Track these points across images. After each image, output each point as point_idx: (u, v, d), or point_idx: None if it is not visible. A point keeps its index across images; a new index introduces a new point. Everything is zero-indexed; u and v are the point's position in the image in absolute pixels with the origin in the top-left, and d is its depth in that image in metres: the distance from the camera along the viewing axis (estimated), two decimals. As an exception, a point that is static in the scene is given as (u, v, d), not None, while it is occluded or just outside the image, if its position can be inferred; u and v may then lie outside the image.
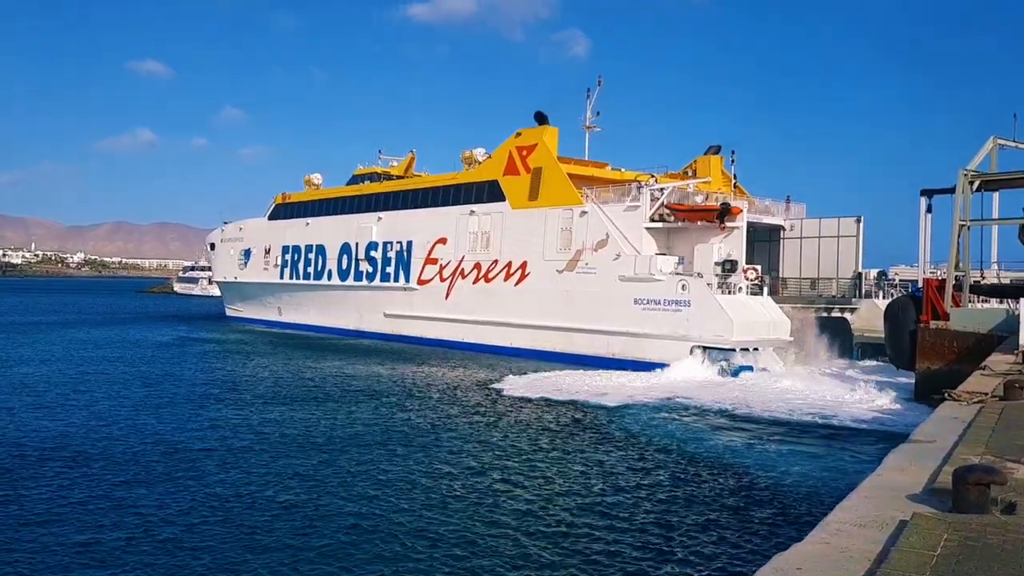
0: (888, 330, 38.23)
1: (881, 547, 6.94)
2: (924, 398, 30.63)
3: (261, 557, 14.69)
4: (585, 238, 49.10)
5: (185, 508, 17.53)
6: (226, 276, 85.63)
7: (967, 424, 13.09)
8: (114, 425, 26.91)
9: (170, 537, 15.74)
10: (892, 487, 8.93)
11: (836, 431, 27.60)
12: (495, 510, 17.91)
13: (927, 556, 6.47)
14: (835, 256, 50.96)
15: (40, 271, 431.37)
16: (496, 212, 55.16)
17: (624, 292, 46.45)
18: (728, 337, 41.81)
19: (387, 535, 16.02)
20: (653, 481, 20.85)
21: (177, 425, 27.19)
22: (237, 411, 30.35)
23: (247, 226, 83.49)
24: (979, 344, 31.71)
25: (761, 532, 16.53)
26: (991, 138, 36.64)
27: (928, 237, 39.54)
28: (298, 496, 18.63)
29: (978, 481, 7.74)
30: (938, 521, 7.36)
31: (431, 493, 19.22)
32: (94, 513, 17.11)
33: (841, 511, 7.99)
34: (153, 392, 34.81)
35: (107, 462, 21.64)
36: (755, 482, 20.78)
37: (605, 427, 28.46)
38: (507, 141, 55.68)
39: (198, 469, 21.06)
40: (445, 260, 58.77)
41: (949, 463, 9.94)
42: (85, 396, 33.27)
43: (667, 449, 24.93)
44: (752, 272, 45.09)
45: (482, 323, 54.72)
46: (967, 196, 35.45)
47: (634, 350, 45.26)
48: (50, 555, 14.69)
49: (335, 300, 69.99)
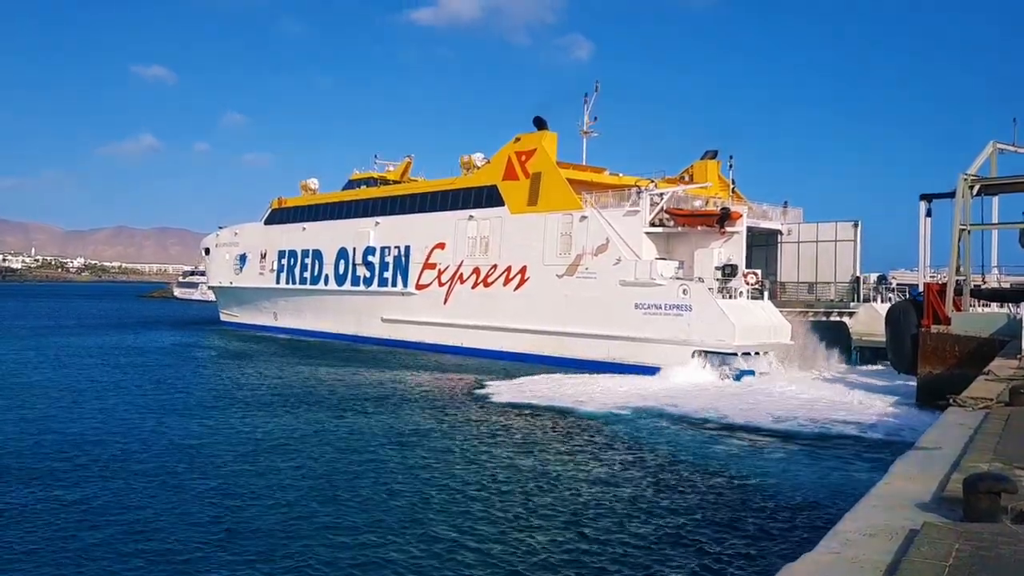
0: (889, 334, 38.20)
1: (892, 557, 6.85)
2: (926, 403, 30.60)
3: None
4: (585, 243, 49.08)
5: (143, 517, 17.28)
6: (221, 281, 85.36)
7: (974, 430, 12.98)
8: (90, 431, 26.61)
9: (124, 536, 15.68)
10: (901, 495, 8.83)
11: (838, 436, 27.33)
12: (468, 519, 17.48)
13: (939, 567, 6.38)
14: (833, 260, 51.03)
15: (40, 276, 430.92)
16: (495, 217, 55.11)
17: (625, 297, 46.40)
18: (730, 342, 41.79)
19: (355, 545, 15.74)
20: (649, 491, 20.46)
21: (148, 431, 26.91)
22: (209, 417, 29.93)
23: (243, 231, 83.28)
24: (981, 348, 31.65)
25: (767, 541, 16.25)
26: (991, 142, 36.65)
27: (928, 242, 39.52)
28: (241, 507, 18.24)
29: (989, 490, 7.63)
30: (949, 531, 7.26)
31: (405, 500, 18.95)
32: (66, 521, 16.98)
33: (850, 520, 7.89)
34: (132, 399, 34.39)
35: (80, 468, 21.43)
36: (758, 490, 20.47)
37: (604, 433, 28.25)
38: (506, 146, 55.64)
39: (159, 476, 20.80)
40: (444, 265, 58.69)
41: (958, 471, 9.83)
42: (67, 400, 33.04)
43: (664, 456, 24.56)
44: (752, 276, 45.11)
45: (481, 328, 54.62)
46: (967, 200, 35.43)
47: (635, 355, 45.20)
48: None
49: (332, 305, 69.84)
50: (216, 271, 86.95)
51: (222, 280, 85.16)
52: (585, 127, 59.79)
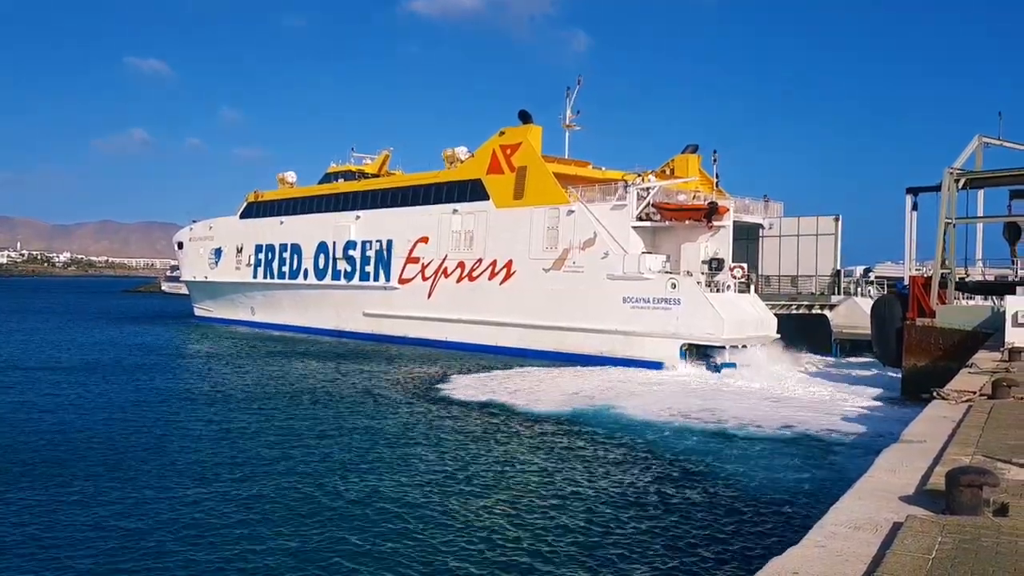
0: (875, 327, 38.40)
1: (876, 550, 6.89)
2: (911, 395, 30.73)
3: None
4: (572, 237, 49.03)
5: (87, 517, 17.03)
6: (195, 275, 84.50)
7: (956, 423, 13.07)
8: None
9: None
10: (885, 488, 8.88)
11: (823, 429, 26.90)
12: (418, 520, 16.95)
13: (922, 559, 6.42)
14: (814, 254, 51.33)
15: (26, 271, 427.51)
16: (480, 211, 54.96)
17: (613, 291, 46.44)
18: (719, 335, 41.94)
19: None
20: (631, 488, 19.94)
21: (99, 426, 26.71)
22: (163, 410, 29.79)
23: (217, 225, 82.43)
24: (965, 341, 31.89)
25: (752, 536, 16.05)
26: (976, 136, 36.79)
27: (913, 235, 39.69)
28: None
29: (971, 483, 7.69)
30: (932, 524, 7.30)
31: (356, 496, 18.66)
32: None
33: (835, 513, 7.93)
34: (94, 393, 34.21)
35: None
36: (741, 483, 20.20)
37: (587, 432, 27.94)
38: (490, 140, 55.47)
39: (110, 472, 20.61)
40: (427, 259, 58.48)
41: (941, 464, 9.90)
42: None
43: (642, 453, 23.96)
44: (739, 270, 45.25)
45: (466, 322, 54.53)
46: (952, 194, 35.61)
47: (624, 348, 45.26)
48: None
49: (312, 299, 69.45)
50: (190, 265, 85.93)
51: (196, 275, 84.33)
52: (567, 121, 59.66)
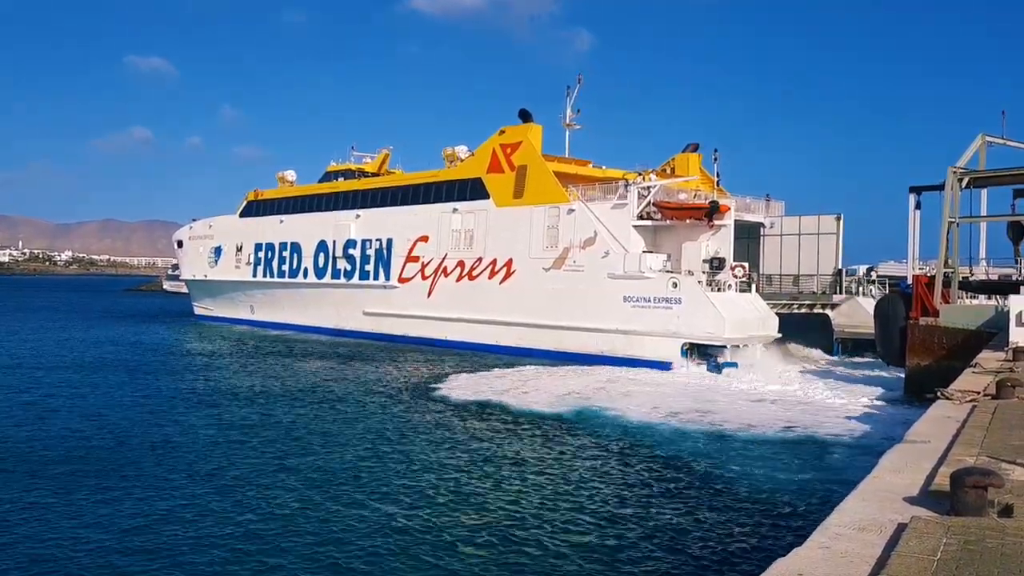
0: (878, 326, 38.29)
1: (880, 551, 6.82)
2: (914, 394, 30.64)
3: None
4: (572, 236, 48.93)
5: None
6: (195, 274, 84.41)
7: (961, 424, 12.98)
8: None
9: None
10: (889, 489, 8.80)
11: (825, 429, 26.70)
12: (417, 520, 16.92)
13: (927, 560, 6.35)
14: (815, 253, 51.20)
15: (28, 269, 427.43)
16: (480, 210, 54.89)
17: (613, 290, 46.35)
18: (720, 334, 41.84)
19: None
20: (631, 488, 19.81)
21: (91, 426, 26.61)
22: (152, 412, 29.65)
23: (217, 223, 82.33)
24: (968, 341, 31.77)
25: (753, 537, 15.90)
26: (980, 135, 36.72)
27: (917, 234, 39.61)
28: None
29: (976, 484, 7.61)
30: (937, 525, 7.22)
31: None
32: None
33: (839, 514, 7.86)
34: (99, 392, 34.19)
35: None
36: (744, 484, 20.04)
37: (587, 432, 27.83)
38: (490, 139, 55.37)
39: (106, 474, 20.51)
40: (427, 258, 58.40)
41: (945, 464, 9.82)
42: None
43: (643, 453, 23.87)
44: (740, 269, 45.14)
45: (466, 321, 54.45)
46: (956, 193, 35.51)
47: (625, 348, 45.19)
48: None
49: (312, 298, 69.39)
50: (190, 264, 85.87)
51: (196, 273, 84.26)
52: (568, 120, 59.58)
